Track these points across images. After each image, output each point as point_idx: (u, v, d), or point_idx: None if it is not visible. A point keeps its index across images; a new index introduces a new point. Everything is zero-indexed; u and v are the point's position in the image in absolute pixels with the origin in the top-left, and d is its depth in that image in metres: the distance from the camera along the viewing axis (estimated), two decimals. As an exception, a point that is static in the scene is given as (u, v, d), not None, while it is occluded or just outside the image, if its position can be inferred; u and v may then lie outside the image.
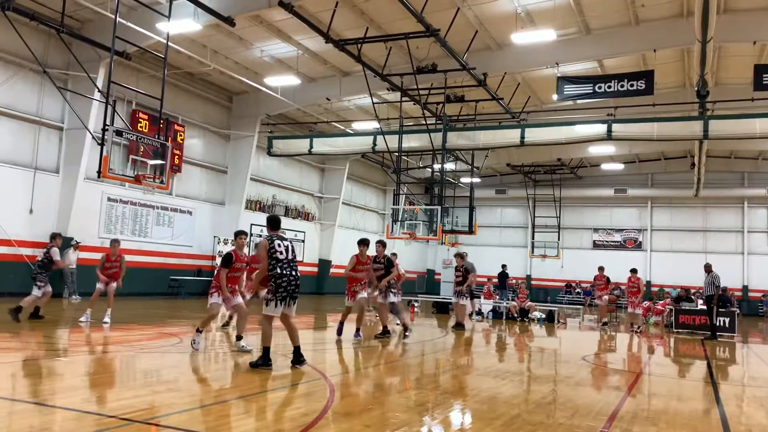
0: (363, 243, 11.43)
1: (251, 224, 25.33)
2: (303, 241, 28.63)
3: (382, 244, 12.15)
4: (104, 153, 12.75)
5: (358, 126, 25.31)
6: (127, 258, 20.16)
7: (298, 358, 7.81)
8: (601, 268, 19.07)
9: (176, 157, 21.40)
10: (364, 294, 11.38)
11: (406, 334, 12.25)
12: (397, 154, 21.92)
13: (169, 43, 15.05)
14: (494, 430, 5.30)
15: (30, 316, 11.75)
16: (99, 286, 12.24)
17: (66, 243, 17.89)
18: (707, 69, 16.58)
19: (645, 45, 18.31)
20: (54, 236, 12.38)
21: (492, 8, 17.06)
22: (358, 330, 11.36)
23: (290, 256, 7.77)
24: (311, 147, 23.81)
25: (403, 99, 20.46)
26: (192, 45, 18.70)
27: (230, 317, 12.18)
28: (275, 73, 20.73)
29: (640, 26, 17.87)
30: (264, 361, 7.54)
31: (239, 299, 9.48)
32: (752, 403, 7.67)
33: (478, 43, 18.24)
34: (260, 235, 25.58)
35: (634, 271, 18.03)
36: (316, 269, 29.78)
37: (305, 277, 28.01)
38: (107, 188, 19.54)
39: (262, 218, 26.08)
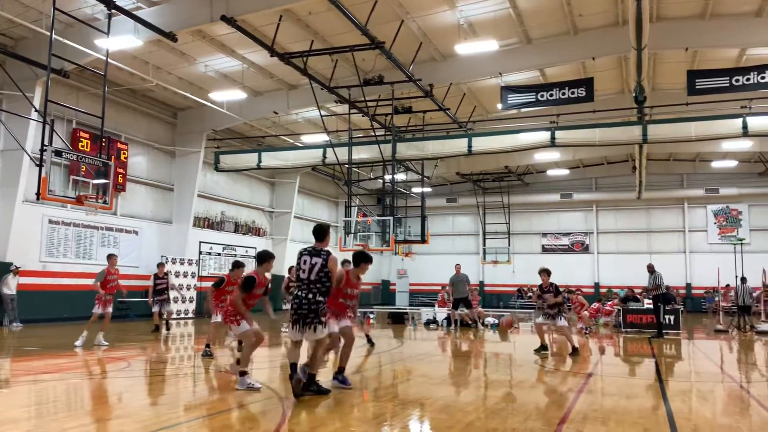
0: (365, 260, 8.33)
1: (200, 242, 24.92)
2: (254, 258, 28.28)
3: (546, 273, 12.22)
4: (43, 174, 12.34)
5: (307, 139, 25.22)
6: (71, 282, 19.82)
7: (308, 385, 7.03)
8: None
9: (120, 175, 20.86)
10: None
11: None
12: (347, 166, 21.92)
13: (109, 60, 14.71)
14: (449, 438, 5.31)
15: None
16: (97, 310, 12.43)
17: (5, 268, 17.22)
18: (644, 75, 17.21)
19: (584, 53, 18.88)
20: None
21: (435, 20, 17.30)
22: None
23: (312, 277, 6.99)
24: (260, 161, 23.57)
25: (352, 111, 20.50)
26: (133, 61, 18.31)
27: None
28: (220, 88, 20.48)
29: (579, 35, 18.42)
30: (316, 388, 7.09)
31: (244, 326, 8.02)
32: (697, 398, 7.93)
33: (423, 55, 18.45)
34: (209, 253, 25.20)
35: (571, 292, 18.73)
36: (269, 285, 29.37)
37: (258, 293, 27.68)
38: (48, 210, 18.88)
39: (211, 236, 25.72)
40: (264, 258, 8.47)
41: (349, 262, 8.85)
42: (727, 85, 17.60)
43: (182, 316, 22.41)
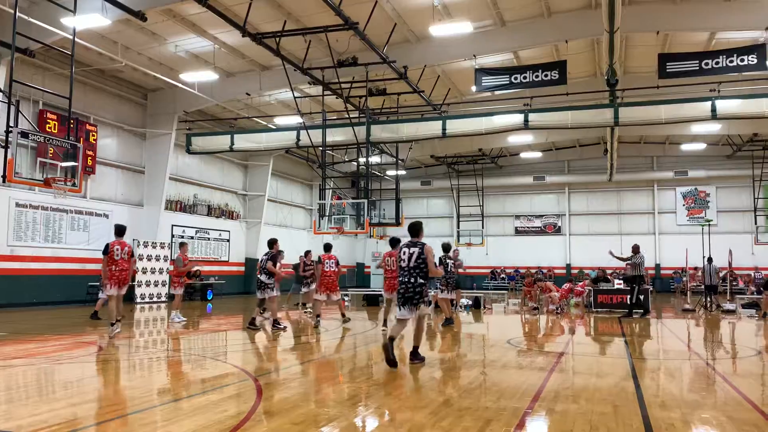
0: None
1: (172, 225, 24.66)
2: (228, 241, 28.08)
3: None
4: (9, 156, 12.07)
5: (280, 121, 25.00)
6: (41, 266, 19.48)
7: (414, 356, 8.44)
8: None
9: (89, 158, 20.49)
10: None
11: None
12: (321, 148, 21.79)
13: (77, 39, 14.38)
14: (423, 418, 5.37)
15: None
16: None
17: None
18: (615, 58, 17.36)
19: (557, 36, 18.98)
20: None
21: (409, 1, 17.20)
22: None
23: (410, 264, 8.20)
24: (232, 144, 23.31)
25: (325, 93, 20.34)
26: (102, 41, 17.89)
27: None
28: (192, 69, 20.15)
29: (552, 18, 18.48)
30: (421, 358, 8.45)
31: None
32: (665, 375, 8.11)
33: (397, 36, 18.35)
34: (182, 236, 24.94)
35: (539, 280, 19.25)
36: (243, 269, 29.24)
37: (231, 277, 27.54)
38: (15, 193, 18.49)
39: (183, 219, 25.44)
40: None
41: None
42: (697, 68, 17.87)
43: (154, 300, 22.19)
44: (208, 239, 26.71)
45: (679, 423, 5.27)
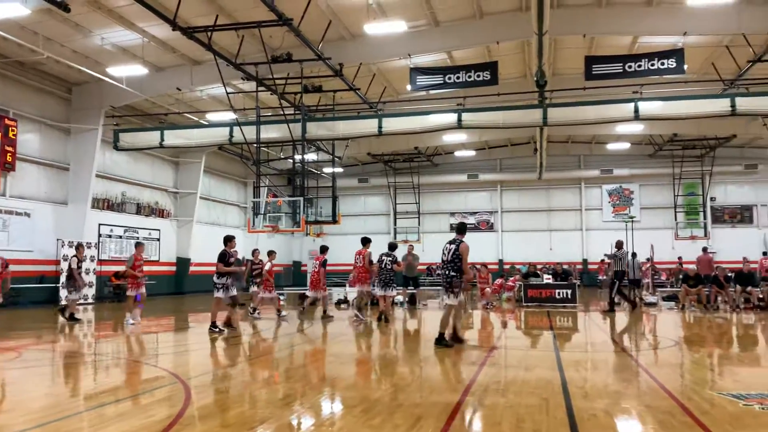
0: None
1: (99, 224, 23.78)
2: (158, 240, 27.29)
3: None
4: None
5: (213, 117, 24.47)
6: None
7: (439, 341, 9.50)
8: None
9: (8, 154, 19.53)
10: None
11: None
12: (256, 145, 21.45)
13: (-8, 29, 13.64)
14: (354, 417, 5.40)
15: None
16: (133, 291, 13.65)
17: None
18: (544, 60, 17.88)
19: (489, 37, 19.36)
20: None
21: (344, -1, 17.16)
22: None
23: (448, 258, 9.43)
24: (162, 140, 22.61)
25: (260, 89, 20.04)
26: (21, 32, 17.01)
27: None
28: (119, 62, 19.43)
29: (484, 19, 18.84)
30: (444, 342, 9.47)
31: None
32: (590, 367, 8.44)
33: (332, 34, 18.28)
34: (109, 236, 24.11)
35: (484, 266, 19.53)
36: (174, 269, 28.49)
37: (162, 277, 26.78)
38: (-75, 191, 17.40)
39: (111, 217, 24.57)
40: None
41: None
42: (621, 71, 18.65)
43: (82, 301, 21.34)
44: (138, 238, 25.90)
45: (601, 413, 5.50)
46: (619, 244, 17.48)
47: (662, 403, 5.86)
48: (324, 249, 16.37)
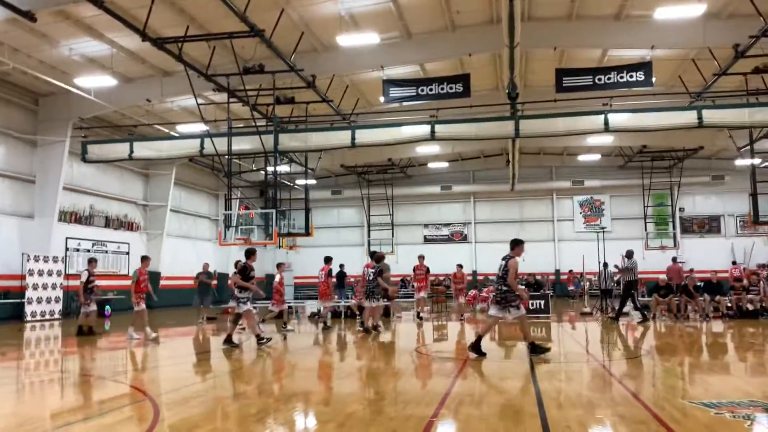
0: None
1: (66, 237, 23.28)
2: (128, 254, 26.79)
3: None
4: None
5: (183, 129, 24.18)
6: None
7: (533, 350, 9.80)
8: (421, 257, 19.87)
9: (-29, 166, 19.05)
10: None
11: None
12: (227, 157, 21.23)
13: (-45, 38, 13.32)
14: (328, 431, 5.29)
15: None
16: (142, 306, 13.92)
17: None
18: (516, 72, 18.05)
19: (461, 50, 19.52)
20: None
21: (316, 10, 17.15)
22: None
23: (500, 273, 9.78)
24: (132, 152, 22.21)
25: (231, 100, 19.89)
26: (-15, 41, 16.69)
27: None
28: (87, 73, 19.12)
29: (456, 32, 18.99)
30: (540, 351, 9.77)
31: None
32: (563, 377, 8.43)
33: (305, 45, 18.25)
34: (77, 250, 23.59)
35: (460, 266, 19.28)
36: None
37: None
38: None
39: (79, 231, 24.05)
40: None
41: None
42: (591, 83, 18.91)
43: (47, 317, 20.83)
44: (106, 252, 25.41)
45: (574, 424, 5.47)
46: (629, 254, 17.57)
47: (636, 413, 5.86)
48: (328, 259, 16.97)
